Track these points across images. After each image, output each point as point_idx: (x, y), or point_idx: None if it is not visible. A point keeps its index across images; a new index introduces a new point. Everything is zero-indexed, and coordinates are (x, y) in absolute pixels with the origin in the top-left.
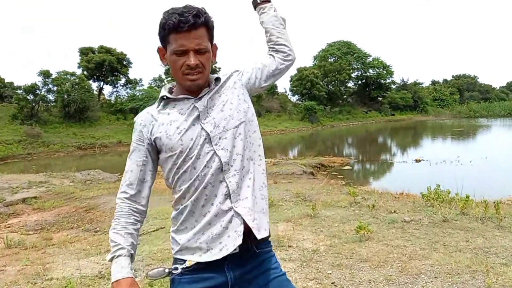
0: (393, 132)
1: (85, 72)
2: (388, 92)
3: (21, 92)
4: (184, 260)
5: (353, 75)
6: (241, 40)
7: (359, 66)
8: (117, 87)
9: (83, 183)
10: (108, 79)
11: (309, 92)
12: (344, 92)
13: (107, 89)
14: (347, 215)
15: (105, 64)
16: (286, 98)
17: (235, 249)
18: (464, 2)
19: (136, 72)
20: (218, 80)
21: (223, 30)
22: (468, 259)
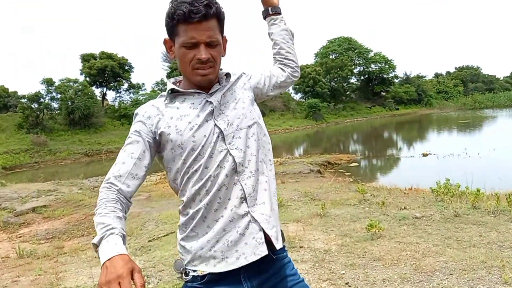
0: (398, 126)
1: (87, 79)
2: (392, 87)
3: (25, 101)
4: (196, 271)
5: (355, 71)
6: (241, 40)
7: (361, 62)
8: (120, 92)
9: (91, 190)
10: (111, 85)
11: (312, 90)
12: (347, 88)
13: (110, 94)
14: (357, 213)
15: (107, 69)
16: (289, 96)
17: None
18: None
19: (138, 77)
20: (228, 76)
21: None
22: (482, 254)
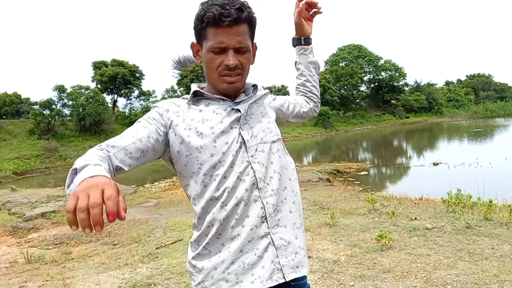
0: (408, 135)
1: (99, 86)
2: (402, 95)
3: (37, 108)
4: None
5: (365, 78)
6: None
7: (371, 69)
8: (130, 99)
9: None
10: (122, 92)
11: (321, 98)
12: (357, 96)
13: (121, 101)
14: (367, 223)
15: (118, 77)
16: None
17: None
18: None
19: (149, 84)
20: (255, 88)
21: None
22: (495, 267)
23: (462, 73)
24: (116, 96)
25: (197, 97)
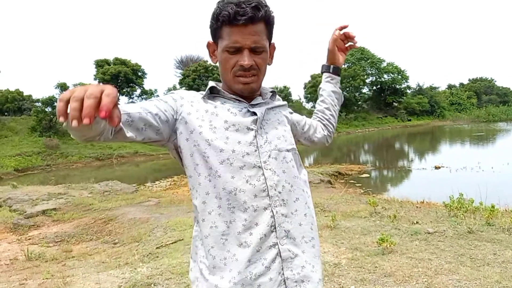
0: (410, 138)
1: (101, 84)
2: (404, 97)
3: (39, 105)
4: None
5: (367, 80)
6: None
7: (373, 72)
8: (132, 98)
9: (101, 194)
10: (124, 90)
11: None
12: (359, 98)
13: (123, 100)
14: (368, 226)
15: (120, 75)
16: (300, 105)
17: None
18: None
19: (151, 83)
20: (274, 95)
21: None
22: (497, 273)
23: (464, 76)
24: (118, 94)
25: (213, 94)
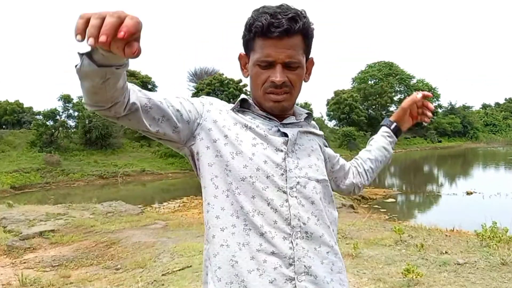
0: (440, 160)
1: None
2: (435, 117)
3: (40, 118)
4: None
5: (395, 98)
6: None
7: (402, 89)
8: None
9: (104, 215)
10: None
11: (347, 117)
12: (385, 116)
13: None
14: (393, 256)
15: None
16: (322, 123)
17: None
18: None
19: None
20: (309, 117)
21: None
22: None
23: (500, 96)
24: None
25: (242, 108)
